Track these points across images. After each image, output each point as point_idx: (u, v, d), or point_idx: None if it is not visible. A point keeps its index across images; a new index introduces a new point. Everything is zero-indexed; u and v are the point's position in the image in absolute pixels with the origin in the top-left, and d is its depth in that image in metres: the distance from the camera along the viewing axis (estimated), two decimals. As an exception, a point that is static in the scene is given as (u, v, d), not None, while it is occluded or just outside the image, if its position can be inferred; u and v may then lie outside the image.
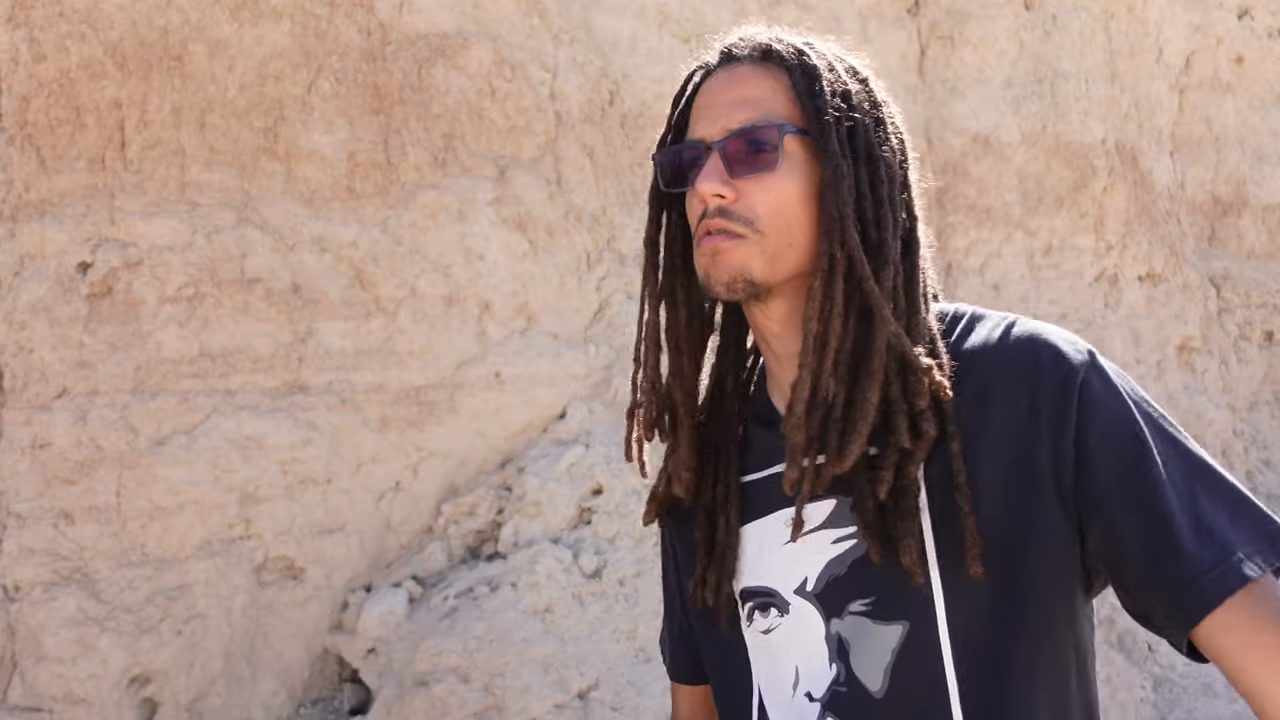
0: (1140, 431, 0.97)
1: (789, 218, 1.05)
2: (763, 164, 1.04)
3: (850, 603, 1.04)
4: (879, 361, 1.01)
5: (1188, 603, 0.92)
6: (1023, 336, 1.03)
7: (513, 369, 5.11)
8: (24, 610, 4.20)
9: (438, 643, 4.41)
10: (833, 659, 1.04)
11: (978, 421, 1.01)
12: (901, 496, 1.00)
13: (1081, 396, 0.98)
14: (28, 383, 4.42)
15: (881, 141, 1.08)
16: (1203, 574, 0.91)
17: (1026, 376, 1.00)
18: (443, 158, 5.13)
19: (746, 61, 1.10)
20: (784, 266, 1.06)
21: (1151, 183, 7.80)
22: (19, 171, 4.59)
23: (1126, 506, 0.95)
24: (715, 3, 6.17)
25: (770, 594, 1.09)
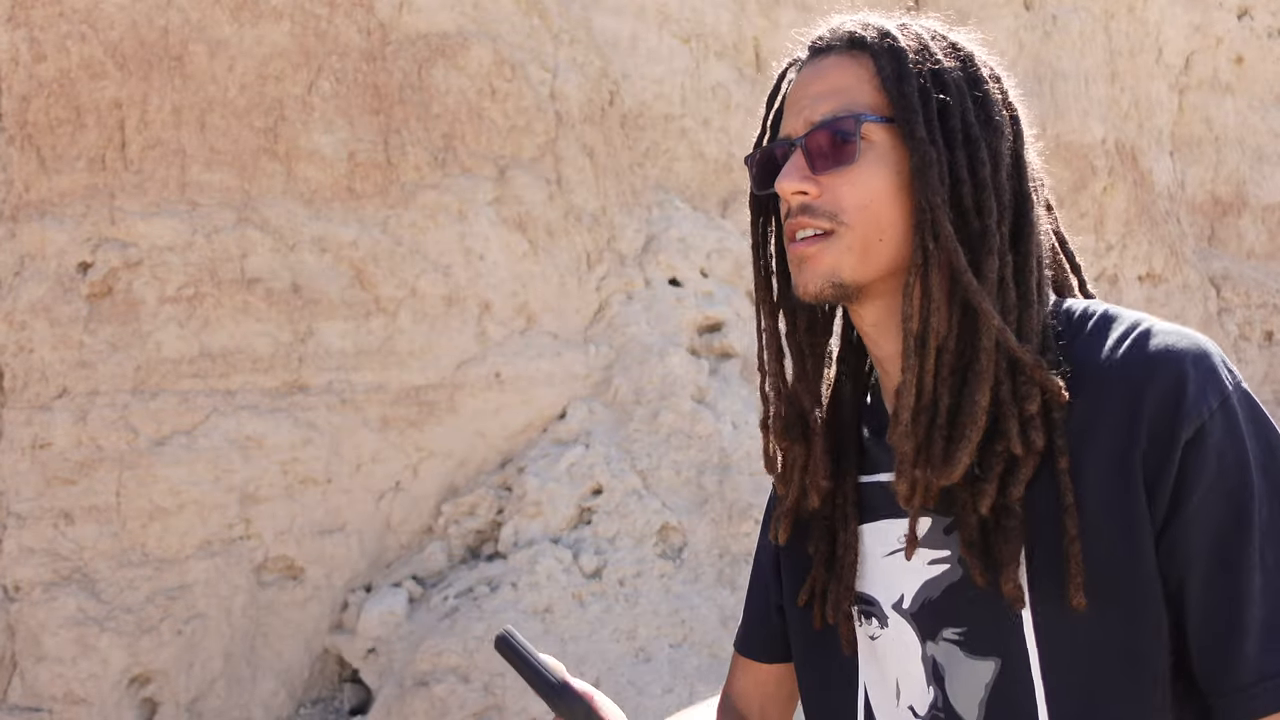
0: (1250, 498, 0.86)
1: (877, 210, 0.99)
2: (844, 156, 0.99)
3: (944, 629, 0.99)
4: (987, 361, 0.94)
5: (1233, 702, 0.85)
6: (1150, 351, 0.91)
7: (513, 369, 5.11)
8: (24, 610, 4.20)
9: (438, 643, 4.41)
10: (929, 681, 1.00)
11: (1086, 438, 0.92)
12: (1006, 515, 0.92)
13: (1192, 443, 0.87)
14: (28, 383, 4.42)
15: (985, 121, 1.00)
16: (1255, 683, 0.84)
17: (1142, 400, 0.89)
18: (443, 158, 5.13)
19: (833, 52, 1.04)
20: (876, 263, 1.00)
21: (1151, 183, 7.80)
22: (19, 171, 4.59)
23: (1204, 580, 0.87)
24: (715, 3, 6.18)
25: (872, 603, 1.06)
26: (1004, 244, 0.98)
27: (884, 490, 1.04)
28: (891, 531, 1.04)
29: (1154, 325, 0.94)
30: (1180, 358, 0.89)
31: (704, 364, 5.45)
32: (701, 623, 4.81)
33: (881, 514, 1.05)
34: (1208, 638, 0.87)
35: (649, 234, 5.69)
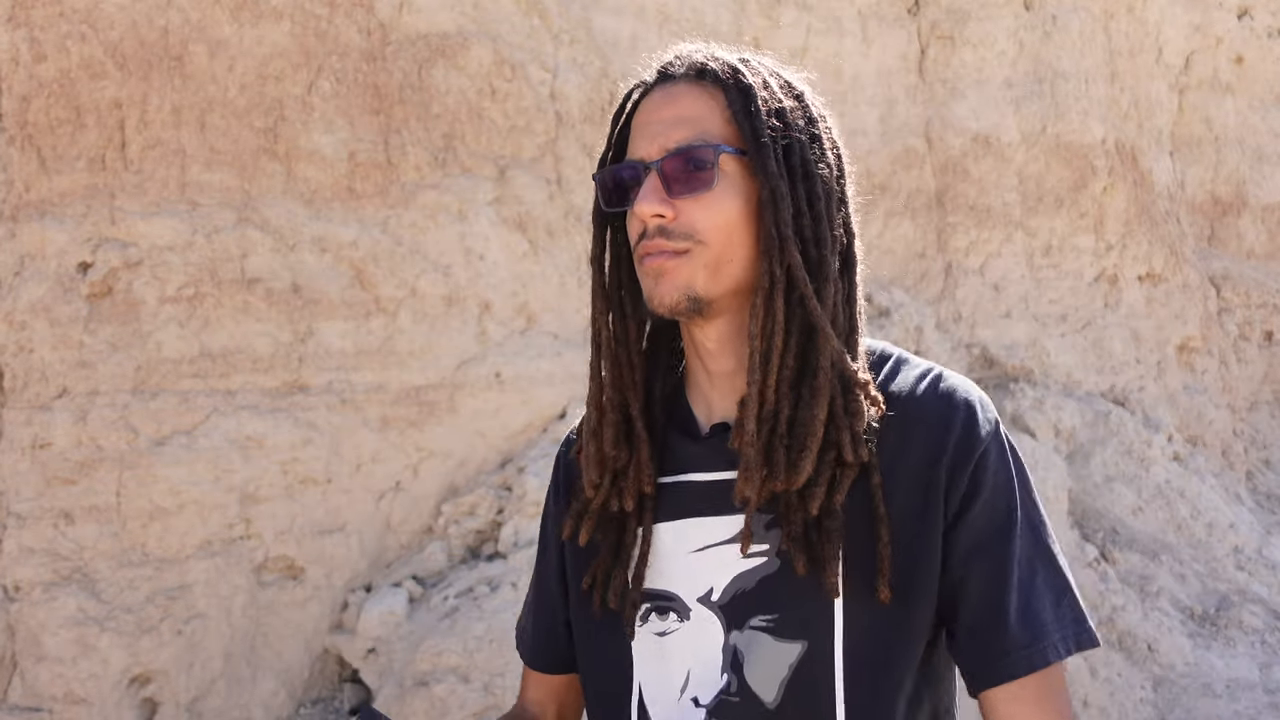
0: (1015, 507, 1.07)
1: (729, 233, 1.07)
2: (700, 183, 1.06)
3: (753, 617, 1.08)
4: (824, 378, 1.05)
5: (996, 667, 1.04)
6: (946, 392, 1.10)
7: (513, 369, 5.11)
8: (24, 610, 4.20)
9: (438, 643, 4.41)
10: (725, 669, 1.08)
11: (896, 459, 1.06)
12: (829, 517, 1.04)
13: (979, 461, 1.06)
14: (28, 383, 4.42)
15: (818, 159, 1.10)
16: (1015, 649, 1.03)
17: (942, 429, 1.07)
18: (443, 158, 5.13)
19: (682, 80, 1.11)
20: (725, 282, 1.08)
21: (1151, 183, 7.80)
22: (19, 171, 4.59)
23: (980, 570, 1.05)
24: (715, 3, 6.18)
25: (670, 598, 1.12)
26: (836, 272, 1.09)
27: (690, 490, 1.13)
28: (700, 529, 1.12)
29: (943, 371, 1.12)
30: (968, 397, 1.10)
31: (704, 364, 5.45)
32: (701, 623, 4.81)
33: (685, 513, 1.13)
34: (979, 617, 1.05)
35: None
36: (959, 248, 7.03)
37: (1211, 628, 6.13)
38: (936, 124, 7.15)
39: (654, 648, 1.13)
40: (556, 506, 1.30)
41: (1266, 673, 5.80)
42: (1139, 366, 7.39)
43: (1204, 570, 6.56)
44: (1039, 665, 1.04)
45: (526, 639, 1.36)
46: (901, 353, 1.16)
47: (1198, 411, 7.62)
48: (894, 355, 1.15)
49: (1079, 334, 7.23)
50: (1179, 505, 6.82)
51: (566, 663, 1.30)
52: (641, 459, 1.13)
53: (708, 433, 1.14)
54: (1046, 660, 1.04)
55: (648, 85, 1.14)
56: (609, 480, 1.15)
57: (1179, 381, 7.65)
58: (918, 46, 7.25)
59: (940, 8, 7.24)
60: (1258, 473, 8.02)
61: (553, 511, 1.31)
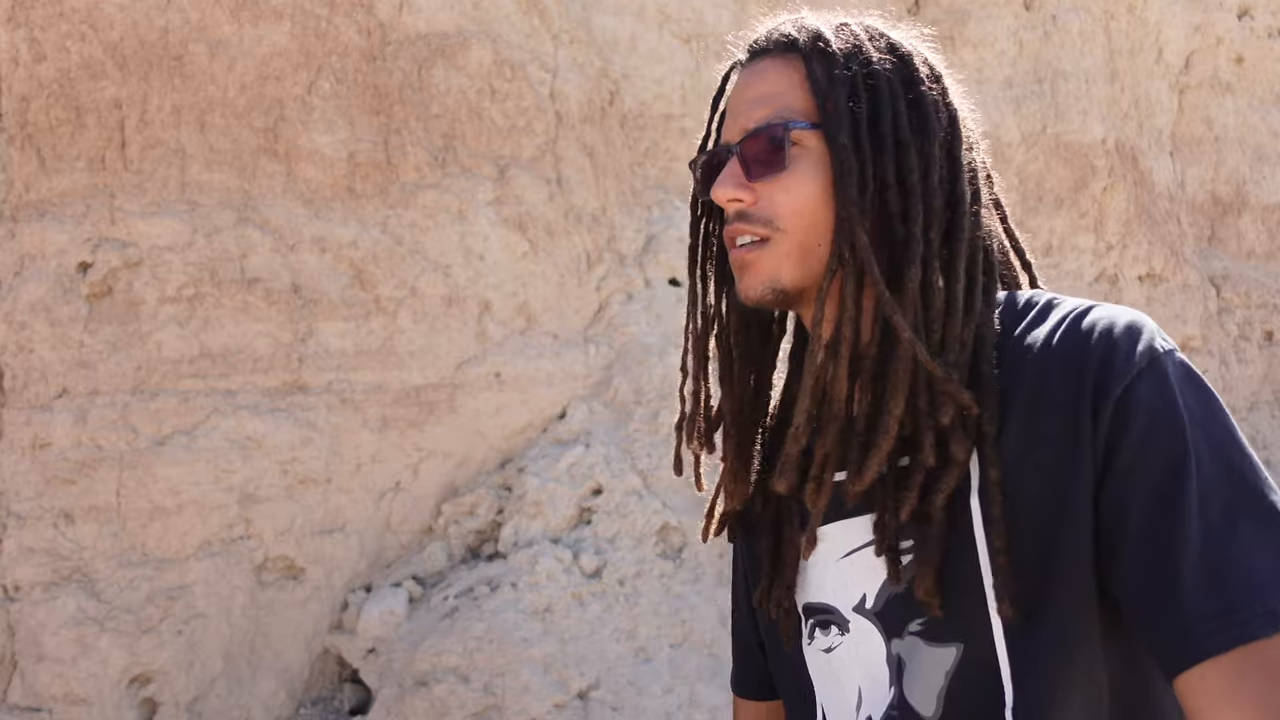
0: (1184, 451, 0.85)
1: (811, 216, 0.98)
2: (776, 164, 0.99)
3: (910, 622, 0.97)
4: (904, 372, 0.94)
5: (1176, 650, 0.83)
6: (1084, 327, 0.91)
7: (513, 369, 5.11)
8: (24, 610, 4.20)
9: (438, 643, 4.41)
10: (892, 681, 0.98)
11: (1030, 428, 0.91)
12: (925, 522, 0.93)
13: (1122, 397, 0.87)
14: (28, 383, 4.42)
15: (917, 124, 0.99)
16: (1199, 624, 0.82)
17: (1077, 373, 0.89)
18: (443, 158, 5.13)
19: (768, 55, 1.04)
20: (815, 267, 1.00)
21: (1151, 183, 7.80)
22: (19, 171, 4.59)
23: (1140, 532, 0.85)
24: (715, 2, 6.18)
25: (830, 611, 1.03)
26: (930, 250, 0.97)
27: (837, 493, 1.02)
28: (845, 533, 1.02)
29: (1091, 305, 0.94)
30: (1110, 328, 0.90)
31: (704, 364, 5.45)
32: (701, 623, 4.81)
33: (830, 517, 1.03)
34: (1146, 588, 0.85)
35: (649, 234, 5.69)
36: (959, 248, 7.03)
37: (1211, 628, 6.12)
38: (936, 124, 7.15)
39: (825, 665, 1.04)
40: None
41: (1266, 673, 5.79)
42: (1139, 366, 7.38)
43: (1204, 570, 6.55)
44: (1237, 639, 0.79)
45: (733, 664, 1.27)
46: (1054, 298, 0.98)
47: (1198, 411, 7.61)
48: (1040, 302, 0.98)
49: (1079, 334, 7.22)
50: (1179, 505, 6.80)
51: (765, 688, 1.20)
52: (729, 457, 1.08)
53: None
54: (1248, 634, 0.79)
55: (741, 63, 1.08)
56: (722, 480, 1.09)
57: (1179, 381, 7.64)
58: (918, 46, 7.25)
59: (940, 8, 7.24)
60: (1258, 473, 8.01)
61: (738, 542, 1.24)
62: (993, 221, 1.07)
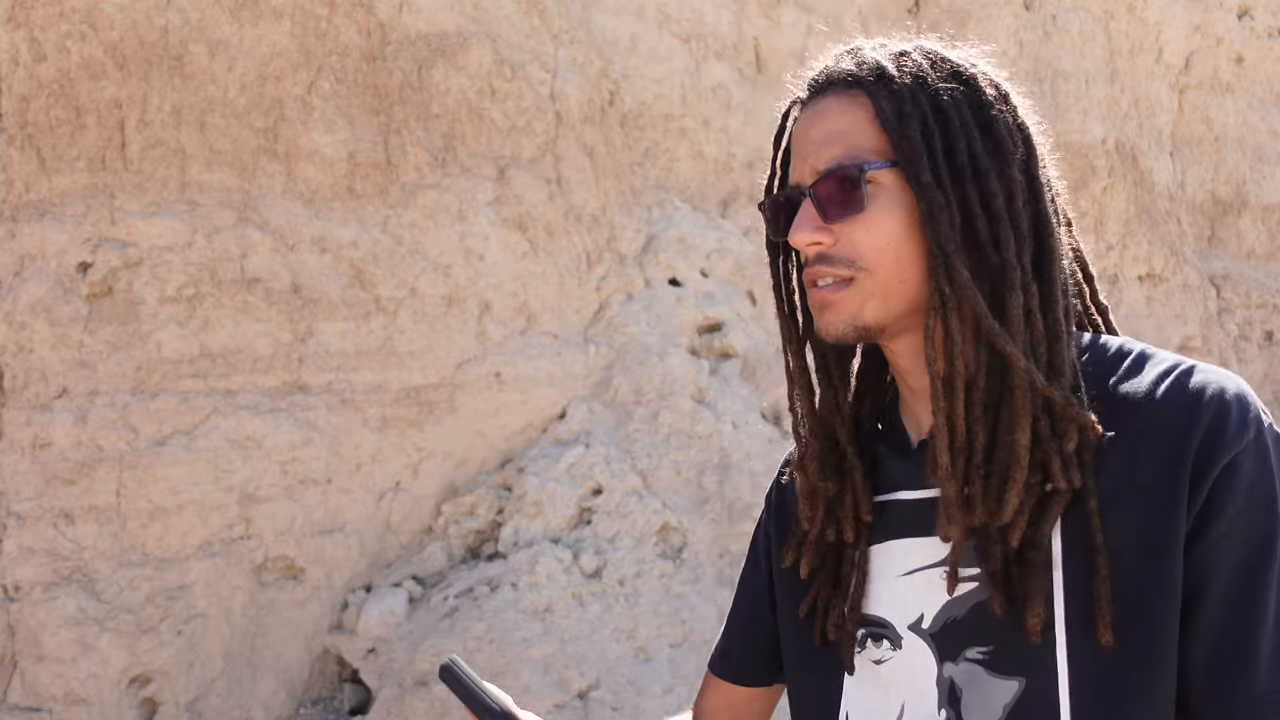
0: (1275, 530, 0.88)
1: (894, 254, 0.99)
2: (852, 205, 0.98)
3: (967, 648, 0.98)
4: (1022, 399, 0.94)
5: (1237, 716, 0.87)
6: (1191, 388, 0.93)
7: (513, 369, 5.11)
8: (24, 610, 4.20)
9: (438, 643, 4.41)
10: (942, 704, 0.99)
11: (1124, 475, 0.93)
12: (1033, 549, 0.93)
13: (1227, 467, 0.89)
14: (28, 383, 4.42)
15: (993, 149, 0.99)
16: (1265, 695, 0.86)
17: (1184, 433, 0.91)
18: (443, 158, 5.13)
19: (830, 91, 1.03)
20: (899, 304, 1.00)
21: (1151, 183, 7.80)
22: (19, 171, 4.59)
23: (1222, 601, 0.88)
24: (715, 3, 6.18)
25: (883, 625, 1.05)
26: (1026, 275, 0.97)
27: (899, 509, 1.04)
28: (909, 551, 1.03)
29: (1196, 365, 0.95)
30: (1222, 393, 0.92)
31: (704, 364, 5.45)
32: (701, 623, 4.81)
33: (895, 533, 1.05)
34: (1220, 655, 0.88)
35: (649, 234, 5.69)
36: (959, 248, 7.03)
37: (1211, 628, 6.13)
38: (936, 124, 7.15)
39: (870, 675, 1.06)
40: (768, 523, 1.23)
41: (1266, 673, 5.79)
42: (1139, 366, 7.39)
43: (1204, 570, 6.56)
44: None
45: (718, 643, 1.29)
46: (1145, 348, 1.00)
47: (1198, 411, 7.62)
48: (1134, 351, 1.00)
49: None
50: (1179, 505, 6.81)
51: (747, 676, 1.24)
52: (857, 487, 1.06)
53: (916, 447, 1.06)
54: None
55: (801, 100, 1.07)
56: (823, 510, 1.08)
57: (1179, 381, 7.65)
58: (918, 46, 7.26)
59: (940, 8, 7.24)
60: (1258, 473, 8.02)
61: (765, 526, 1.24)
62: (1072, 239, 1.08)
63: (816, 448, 1.08)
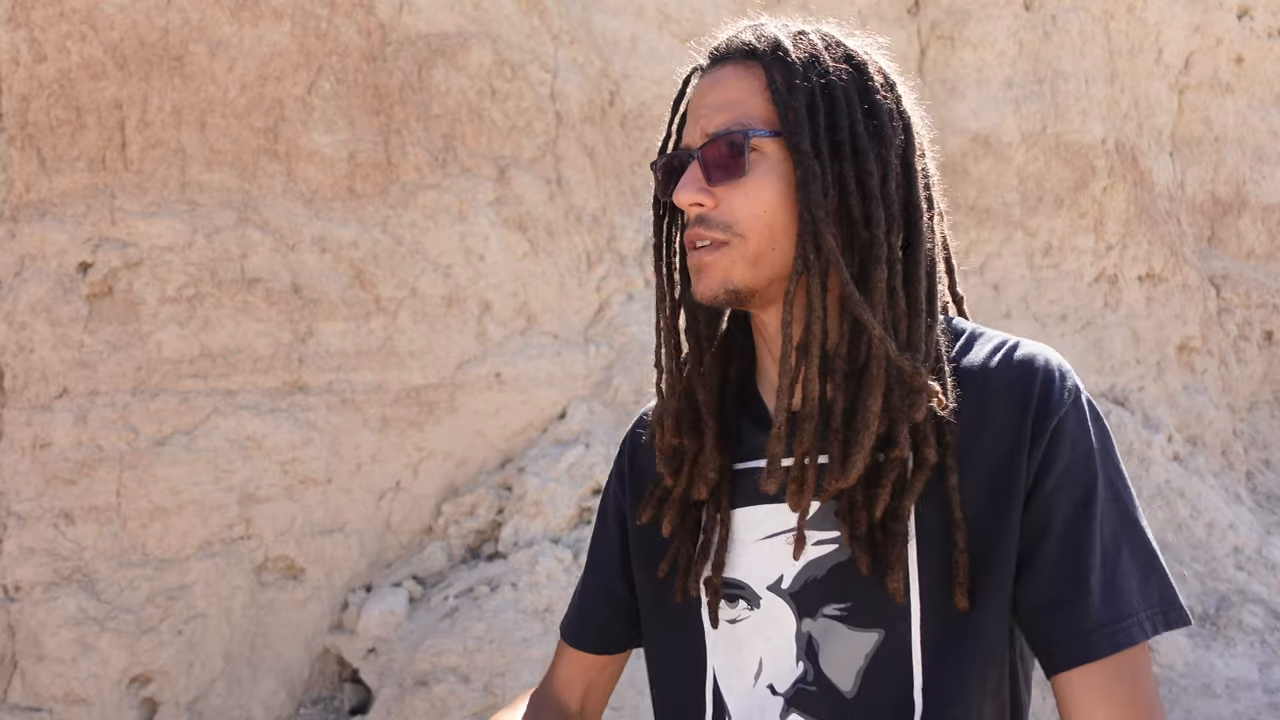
0: (1094, 479, 1.00)
1: (769, 221, 1.03)
2: (735, 169, 1.03)
3: (825, 605, 1.05)
4: (877, 368, 1.00)
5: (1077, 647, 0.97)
6: (1021, 360, 1.04)
7: (513, 369, 5.11)
8: (24, 610, 4.20)
9: (438, 643, 4.41)
10: (800, 657, 1.06)
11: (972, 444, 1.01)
12: (893, 519, 1.00)
13: (1055, 430, 1.00)
14: (28, 383, 4.42)
15: (874, 132, 1.04)
16: (1098, 628, 0.97)
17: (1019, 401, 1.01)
18: (443, 158, 5.13)
19: (729, 61, 1.08)
20: (769, 270, 1.05)
21: (1151, 183, 7.80)
22: (19, 171, 4.59)
23: (1058, 546, 0.99)
24: (715, 3, 6.18)
25: (740, 586, 1.10)
26: (893, 253, 1.03)
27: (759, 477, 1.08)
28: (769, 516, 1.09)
29: (1020, 340, 1.06)
30: (1047, 364, 1.03)
31: (704, 364, 5.45)
32: (701, 623, 4.80)
33: (757, 499, 1.10)
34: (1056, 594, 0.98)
35: (649, 234, 5.69)
36: (959, 248, 7.03)
37: (1211, 628, 6.13)
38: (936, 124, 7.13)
39: (727, 635, 1.11)
40: (620, 486, 1.27)
41: (1266, 673, 5.80)
42: (1139, 366, 7.39)
43: (1204, 570, 6.56)
44: (1124, 644, 0.97)
45: (571, 614, 1.33)
46: (976, 327, 1.10)
47: (1197, 411, 7.62)
48: (967, 330, 1.10)
49: (1079, 334, 7.23)
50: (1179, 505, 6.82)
51: (606, 644, 1.29)
52: (708, 446, 1.11)
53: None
54: (1132, 639, 0.97)
55: (702, 68, 1.11)
56: (687, 470, 1.12)
57: (1179, 381, 7.65)
58: (918, 46, 7.25)
59: (940, 8, 7.24)
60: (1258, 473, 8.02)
61: (615, 491, 1.27)
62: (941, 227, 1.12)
63: (675, 405, 1.12)
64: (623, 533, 1.25)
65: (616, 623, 1.27)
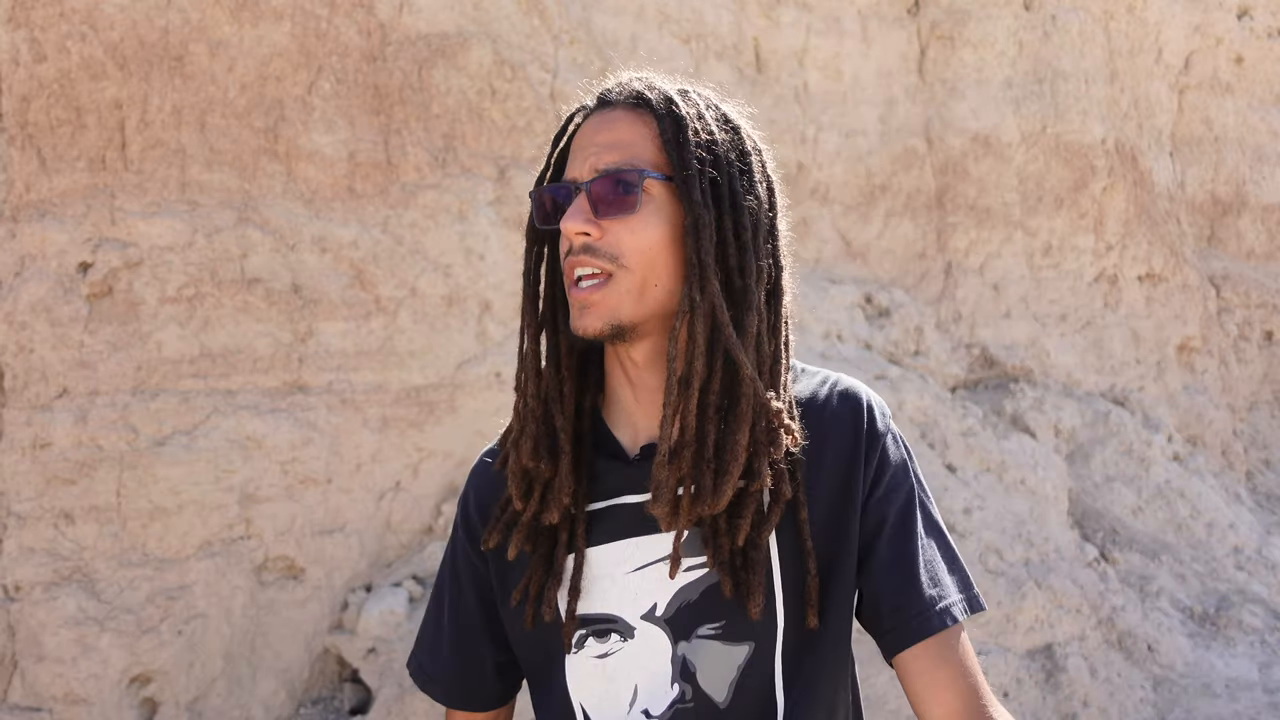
0: (912, 488, 1.17)
1: (652, 257, 1.09)
2: (626, 205, 1.09)
3: (699, 626, 1.12)
4: (746, 405, 1.08)
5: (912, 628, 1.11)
6: (846, 394, 1.18)
7: (513, 369, 5.11)
8: (24, 610, 4.20)
9: (438, 643, 4.41)
10: (675, 679, 1.12)
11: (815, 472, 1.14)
12: (754, 549, 1.09)
13: (881, 449, 1.16)
14: (28, 383, 4.42)
15: (747, 190, 1.12)
16: (927, 610, 1.11)
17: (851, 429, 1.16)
18: (443, 158, 5.13)
19: (620, 106, 1.14)
20: (649, 306, 1.11)
21: (1151, 183, 7.80)
22: (19, 171, 4.59)
23: (889, 544, 1.14)
24: (715, 3, 6.18)
25: (611, 620, 1.14)
26: (761, 303, 1.12)
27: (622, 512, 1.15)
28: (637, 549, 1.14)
29: (839, 376, 1.21)
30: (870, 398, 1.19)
31: (704, 364, 5.45)
32: (701, 623, 4.81)
33: (621, 534, 1.15)
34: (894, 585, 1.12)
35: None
36: (959, 248, 7.03)
37: (1211, 628, 6.13)
38: (936, 124, 7.15)
39: (594, 670, 1.15)
40: (467, 535, 1.27)
41: (1266, 673, 5.80)
42: (1139, 366, 7.39)
43: (1204, 570, 6.56)
44: (949, 623, 1.11)
45: (441, 679, 1.29)
46: (797, 363, 1.21)
47: (1198, 411, 7.62)
48: (796, 367, 1.21)
49: (1079, 334, 7.23)
50: (1179, 505, 6.82)
51: (493, 696, 1.28)
52: (563, 472, 1.15)
53: (637, 455, 1.16)
54: (955, 619, 1.12)
55: (588, 109, 1.18)
56: (538, 494, 1.15)
57: (1179, 381, 7.65)
58: (918, 46, 7.25)
59: (940, 8, 7.24)
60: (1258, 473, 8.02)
61: (464, 544, 1.27)
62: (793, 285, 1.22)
63: (534, 429, 1.17)
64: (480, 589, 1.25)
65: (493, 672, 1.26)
